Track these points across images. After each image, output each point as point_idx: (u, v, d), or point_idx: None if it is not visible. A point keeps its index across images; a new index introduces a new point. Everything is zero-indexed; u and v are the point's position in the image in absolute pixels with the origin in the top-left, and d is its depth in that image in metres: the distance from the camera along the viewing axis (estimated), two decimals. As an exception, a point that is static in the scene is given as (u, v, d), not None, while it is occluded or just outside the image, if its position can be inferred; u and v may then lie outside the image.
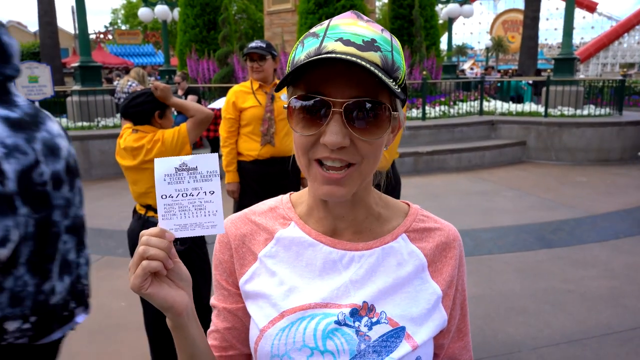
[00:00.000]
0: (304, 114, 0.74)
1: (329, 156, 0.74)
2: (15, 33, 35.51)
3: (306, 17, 9.98)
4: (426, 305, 0.83)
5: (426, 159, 8.63)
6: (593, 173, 8.32)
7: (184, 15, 12.78)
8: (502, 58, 45.58)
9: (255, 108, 3.42)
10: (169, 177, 0.76)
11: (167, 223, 0.76)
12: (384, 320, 0.80)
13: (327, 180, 0.75)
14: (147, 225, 2.67)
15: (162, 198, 0.76)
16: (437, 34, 13.47)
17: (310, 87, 0.74)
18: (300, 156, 0.78)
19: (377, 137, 0.75)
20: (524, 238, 5.20)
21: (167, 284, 0.77)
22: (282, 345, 0.80)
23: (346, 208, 0.84)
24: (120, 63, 25.06)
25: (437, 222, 0.90)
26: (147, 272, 0.73)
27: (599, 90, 11.37)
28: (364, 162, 0.76)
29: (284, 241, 0.87)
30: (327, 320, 0.80)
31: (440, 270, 0.86)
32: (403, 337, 0.80)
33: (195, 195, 0.76)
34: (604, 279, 4.14)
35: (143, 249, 0.73)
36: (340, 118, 0.72)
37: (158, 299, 0.75)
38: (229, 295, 0.90)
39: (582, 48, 41.31)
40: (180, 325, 0.79)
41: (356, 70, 0.70)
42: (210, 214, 0.77)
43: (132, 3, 40.45)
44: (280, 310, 0.82)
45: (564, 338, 3.25)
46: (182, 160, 0.76)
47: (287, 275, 0.84)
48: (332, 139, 0.72)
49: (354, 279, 0.82)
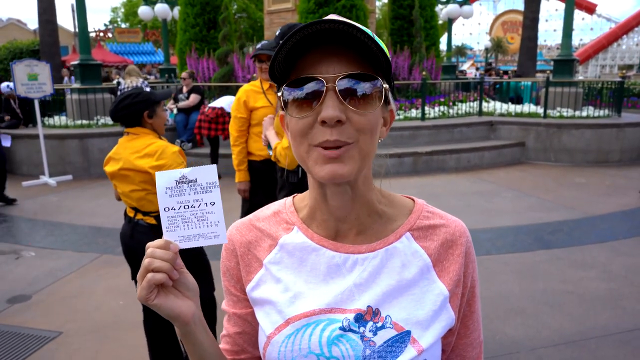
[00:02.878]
0: (298, 98, 0.75)
1: (328, 138, 0.74)
2: (15, 31, 35.42)
3: (306, 17, 9.98)
4: (432, 307, 0.82)
5: (425, 159, 8.64)
6: (592, 174, 8.34)
7: (184, 14, 12.76)
8: (501, 59, 45.56)
9: (267, 108, 3.44)
10: (170, 189, 0.78)
11: (171, 235, 0.78)
12: (389, 324, 0.80)
13: (328, 158, 0.75)
14: (137, 228, 2.67)
15: (164, 210, 0.78)
16: (437, 35, 13.48)
17: (300, 72, 0.76)
18: (299, 143, 0.78)
19: (371, 110, 0.75)
20: (523, 239, 5.21)
21: (174, 294, 0.78)
22: (289, 352, 0.81)
23: (347, 206, 0.83)
24: (120, 61, 25.02)
25: (442, 218, 0.89)
26: (152, 284, 0.75)
27: (598, 91, 11.38)
28: (361, 139, 0.75)
29: (288, 247, 0.87)
30: (332, 326, 0.80)
31: (447, 269, 0.85)
32: (408, 342, 0.79)
33: (197, 206, 0.78)
34: (603, 281, 4.15)
35: (148, 261, 0.75)
36: (334, 94, 0.73)
37: (165, 309, 0.77)
38: (238, 301, 0.91)
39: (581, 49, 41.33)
40: (189, 333, 0.81)
41: (343, 49, 0.74)
42: (212, 224, 0.79)
43: (132, 1, 40.40)
44: (286, 317, 0.82)
45: (562, 339, 3.25)
46: (182, 173, 0.78)
47: (292, 281, 0.85)
48: (329, 112, 0.72)
49: (358, 283, 0.82)
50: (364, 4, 10.28)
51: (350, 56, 0.75)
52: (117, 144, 2.68)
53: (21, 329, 3.46)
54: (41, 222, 5.96)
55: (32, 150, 8.61)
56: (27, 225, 5.93)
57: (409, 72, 11.46)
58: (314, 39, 0.73)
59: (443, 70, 14.04)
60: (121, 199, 2.74)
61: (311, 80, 0.74)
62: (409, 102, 10.80)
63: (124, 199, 2.70)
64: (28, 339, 3.32)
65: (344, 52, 0.75)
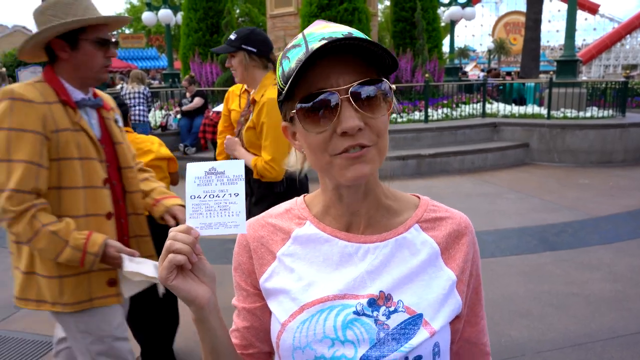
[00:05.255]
0: (313, 113, 0.77)
1: (350, 144, 0.77)
2: (21, 38, 35.64)
3: (309, 20, 10.01)
4: (441, 291, 0.85)
5: (429, 161, 8.63)
6: (596, 175, 8.30)
7: (187, 19, 12.83)
8: (504, 60, 45.51)
9: (236, 112, 3.23)
10: (199, 179, 0.83)
11: (193, 221, 0.82)
12: (401, 308, 0.83)
13: (352, 160, 0.78)
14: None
15: (191, 198, 0.83)
16: (440, 37, 13.47)
17: (309, 88, 0.77)
18: (320, 156, 0.80)
19: (384, 113, 0.79)
20: (527, 240, 5.19)
21: (192, 278, 0.82)
22: (304, 337, 0.83)
23: (359, 201, 0.87)
24: (124, 67, 25.18)
25: (447, 212, 0.93)
26: (173, 265, 0.78)
27: (602, 92, 11.34)
28: (380, 140, 0.80)
29: (301, 239, 0.90)
30: (346, 311, 0.83)
31: (454, 256, 0.89)
32: (421, 324, 0.82)
33: (221, 196, 0.82)
34: (608, 282, 4.13)
35: (170, 243, 0.79)
36: (349, 104, 0.76)
37: (182, 291, 0.80)
38: (248, 296, 0.94)
39: (585, 50, 41.24)
40: (203, 318, 0.84)
41: (346, 58, 0.76)
42: (233, 214, 0.82)
43: (135, 7, 40.60)
44: (300, 304, 0.85)
45: (568, 342, 3.24)
46: (212, 165, 0.83)
47: (306, 271, 0.87)
48: (350, 123, 0.75)
49: (369, 270, 0.85)
50: (365, 7, 10.30)
51: (356, 62, 0.77)
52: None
53: (27, 335, 3.48)
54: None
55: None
56: (32, 231, 5.95)
57: (411, 74, 11.46)
58: (319, 53, 0.74)
59: (446, 72, 14.03)
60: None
61: (324, 93, 0.76)
62: (412, 104, 10.80)
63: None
64: (34, 345, 3.34)
65: (349, 60, 0.77)
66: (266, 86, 2.66)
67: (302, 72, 0.75)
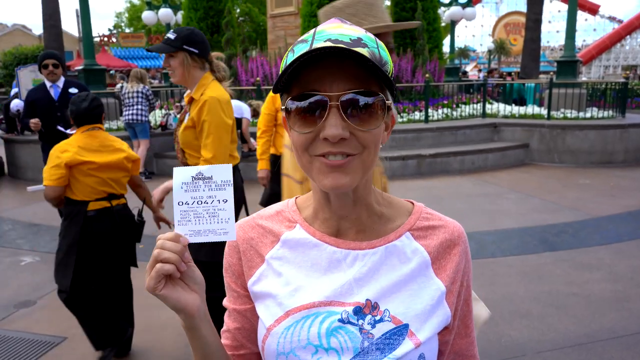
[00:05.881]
0: (302, 113, 0.76)
1: (330, 150, 0.75)
2: (20, 36, 35.69)
3: (309, 20, 10.01)
4: (430, 302, 0.84)
5: (429, 162, 8.63)
6: (596, 175, 8.30)
7: (188, 19, 12.83)
8: (504, 60, 45.48)
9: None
10: (186, 185, 0.80)
11: (182, 228, 0.80)
12: (387, 318, 0.81)
13: (331, 168, 0.76)
14: (121, 212, 3.02)
15: (178, 205, 0.80)
16: (440, 37, 13.46)
17: (304, 87, 0.76)
18: (301, 155, 0.79)
19: (374, 126, 0.76)
20: (528, 241, 5.19)
21: (181, 286, 0.80)
22: (288, 343, 0.82)
23: (348, 207, 0.85)
24: (124, 66, 25.15)
25: (441, 220, 0.91)
26: (161, 274, 0.76)
27: (602, 92, 11.34)
28: (365, 152, 0.77)
29: (290, 243, 0.88)
30: (331, 318, 0.81)
31: (444, 266, 0.87)
32: (406, 335, 0.81)
33: (210, 203, 0.80)
34: (608, 282, 4.12)
35: (158, 252, 0.77)
36: (337, 111, 0.74)
37: (171, 300, 0.78)
38: (238, 297, 0.93)
39: (585, 50, 41.20)
40: (193, 326, 0.83)
41: (347, 64, 0.73)
42: (222, 221, 0.80)
43: (135, 6, 40.62)
44: (286, 309, 0.84)
45: (568, 342, 3.24)
46: (199, 170, 0.80)
47: (293, 276, 0.86)
48: (332, 131, 0.73)
49: (357, 277, 0.83)
50: (366, 6, 10.27)
51: (354, 70, 0.75)
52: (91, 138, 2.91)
53: (26, 334, 3.47)
54: (45, 227, 5.97)
55: (37, 155, 8.61)
56: (31, 230, 5.95)
57: (412, 74, 11.45)
58: (318, 55, 0.73)
59: (446, 72, 14.02)
60: (94, 188, 2.89)
61: (315, 96, 0.75)
62: (412, 104, 10.79)
63: (103, 188, 2.89)
64: (33, 344, 3.33)
65: (348, 67, 0.75)
66: (205, 85, 2.66)
67: (299, 69, 0.74)
